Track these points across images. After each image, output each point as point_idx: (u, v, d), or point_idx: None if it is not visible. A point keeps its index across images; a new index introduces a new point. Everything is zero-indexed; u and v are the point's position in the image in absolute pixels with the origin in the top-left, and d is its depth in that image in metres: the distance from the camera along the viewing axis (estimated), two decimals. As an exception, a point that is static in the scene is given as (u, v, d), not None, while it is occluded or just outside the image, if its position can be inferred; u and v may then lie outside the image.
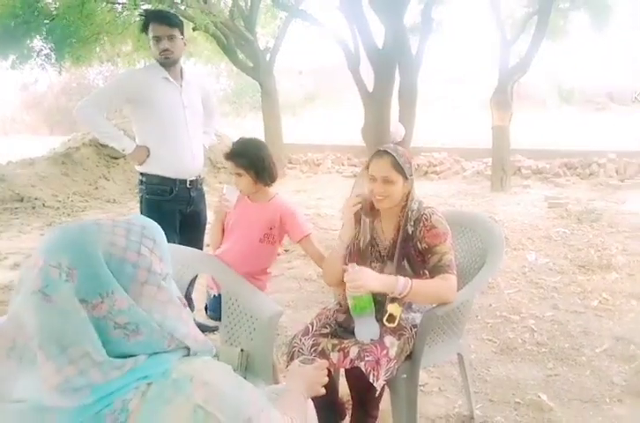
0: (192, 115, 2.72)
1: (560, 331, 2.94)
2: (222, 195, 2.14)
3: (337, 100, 20.88)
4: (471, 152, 9.34)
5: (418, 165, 8.93)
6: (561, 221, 5.45)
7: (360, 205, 1.88)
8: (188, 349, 0.92)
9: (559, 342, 2.81)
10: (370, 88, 4.10)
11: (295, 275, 4.01)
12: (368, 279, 1.67)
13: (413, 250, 1.84)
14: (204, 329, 2.59)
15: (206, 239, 3.17)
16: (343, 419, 2.08)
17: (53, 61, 8.20)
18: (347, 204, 1.91)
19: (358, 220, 1.93)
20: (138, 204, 2.87)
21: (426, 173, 8.85)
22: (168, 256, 0.92)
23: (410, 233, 1.84)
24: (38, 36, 8.02)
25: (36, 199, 6.78)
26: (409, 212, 1.84)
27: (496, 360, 2.64)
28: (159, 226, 0.93)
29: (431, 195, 7.11)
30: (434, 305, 1.84)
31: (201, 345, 0.93)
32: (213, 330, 2.73)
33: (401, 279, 1.71)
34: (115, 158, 8.08)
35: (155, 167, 2.67)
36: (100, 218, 0.94)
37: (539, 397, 2.29)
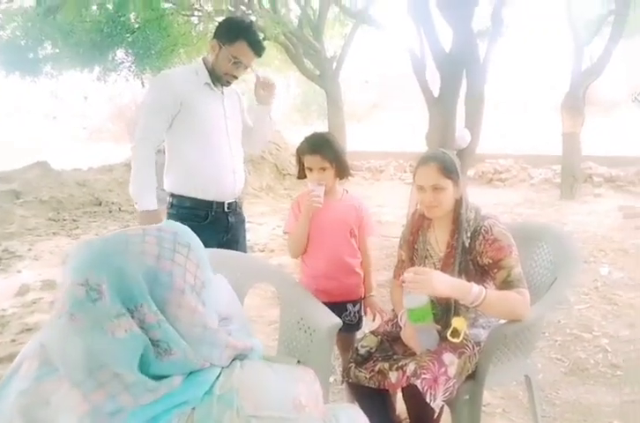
0: (234, 127, 2.36)
1: (637, 353, 2.67)
2: (311, 191, 1.95)
3: (401, 109, 20.64)
4: (538, 159, 8.90)
5: (482, 172, 8.62)
6: (637, 233, 5.05)
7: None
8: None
9: (636, 365, 2.55)
10: (436, 93, 3.94)
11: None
12: (439, 281, 1.52)
13: (471, 264, 1.69)
14: None
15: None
16: (400, 437, 1.96)
17: (134, 72, 8.54)
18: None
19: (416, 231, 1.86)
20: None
21: (491, 180, 8.51)
22: (206, 263, 0.86)
23: (467, 245, 1.69)
24: (121, 49, 8.39)
25: (113, 203, 7.05)
26: (465, 223, 1.70)
27: (566, 382, 2.42)
28: (192, 232, 0.88)
29: (496, 203, 6.82)
30: (501, 321, 1.69)
31: (239, 352, 0.89)
32: None
33: (475, 286, 1.56)
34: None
35: (189, 188, 2.26)
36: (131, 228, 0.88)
37: (614, 425, 2.08)
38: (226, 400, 0.78)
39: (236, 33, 2.19)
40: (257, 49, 2.24)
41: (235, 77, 2.29)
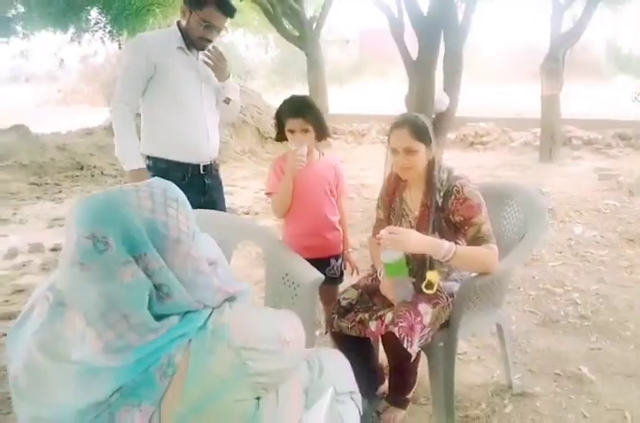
0: (208, 91, 2.36)
1: (605, 305, 2.83)
2: (295, 150, 2.01)
3: (384, 70, 20.40)
4: (519, 122, 8.97)
5: (464, 135, 8.68)
6: (611, 193, 5.20)
7: None
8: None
9: (603, 316, 2.71)
10: (414, 56, 3.94)
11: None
12: (412, 239, 1.62)
13: (444, 222, 1.78)
14: None
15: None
16: (382, 384, 2.09)
17: (109, 33, 8.29)
18: None
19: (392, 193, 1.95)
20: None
21: (472, 143, 8.58)
22: (193, 215, 0.94)
23: (440, 204, 1.77)
24: (95, 9, 8.11)
25: (95, 167, 6.98)
26: (438, 183, 1.78)
27: (538, 332, 2.57)
28: (178, 188, 0.94)
29: (477, 166, 6.92)
30: (473, 274, 1.80)
31: (229, 295, 0.98)
32: None
33: (446, 243, 1.66)
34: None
35: (164, 150, 2.29)
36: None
37: (579, 369, 2.22)
38: (219, 334, 0.88)
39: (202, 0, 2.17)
40: (227, 11, 2.22)
41: (210, 41, 2.27)
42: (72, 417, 0.82)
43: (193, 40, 2.26)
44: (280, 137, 2.11)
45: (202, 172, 2.37)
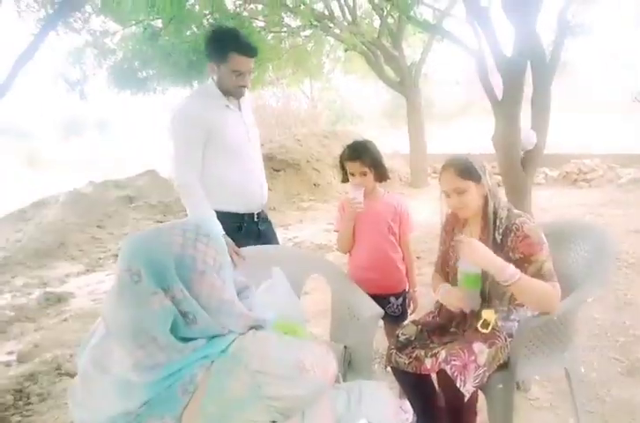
0: (255, 141, 2.38)
1: None
2: (353, 199, 2.07)
3: (490, 109, 19.90)
4: (629, 158, 8.28)
5: (567, 172, 8.19)
6: None
7: None
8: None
9: (701, 368, 2.40)
10: (500, 96, 3.88)
11: (422, 281, 3.92)
12: (479, 250, 1.63)
13: (504, 259, 1.73)
14: None
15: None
16: (442, 423, 2.02)
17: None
18: None
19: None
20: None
21: (575, 180, 8.05)
22: (224, 248, 1.03)
23: (500, 241, 1.73)
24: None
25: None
26: (497, 220, 1.75)
27: (620, 382, 2.34)
28: (213, 223, 1.06)
29: (579, 203, 6.49)
30: (533, 314, 1.72)
31: (253, 322, 1.05)
32: None
33: (512, 267, 1.62)
34: (277, 170, 8.64)
35: (223, 203, 2.24)
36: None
37: (663, 425, 2.00)
38: (238, 357, 0.96)
39: (223, 48, 2.14)
40: (250, 53, 2.16)
41: (245, 86, 2.25)
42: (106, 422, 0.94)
43: (229, 92, 2.25)
44: (345, 179, 2.20)
45: (256, 219, 2.38)
